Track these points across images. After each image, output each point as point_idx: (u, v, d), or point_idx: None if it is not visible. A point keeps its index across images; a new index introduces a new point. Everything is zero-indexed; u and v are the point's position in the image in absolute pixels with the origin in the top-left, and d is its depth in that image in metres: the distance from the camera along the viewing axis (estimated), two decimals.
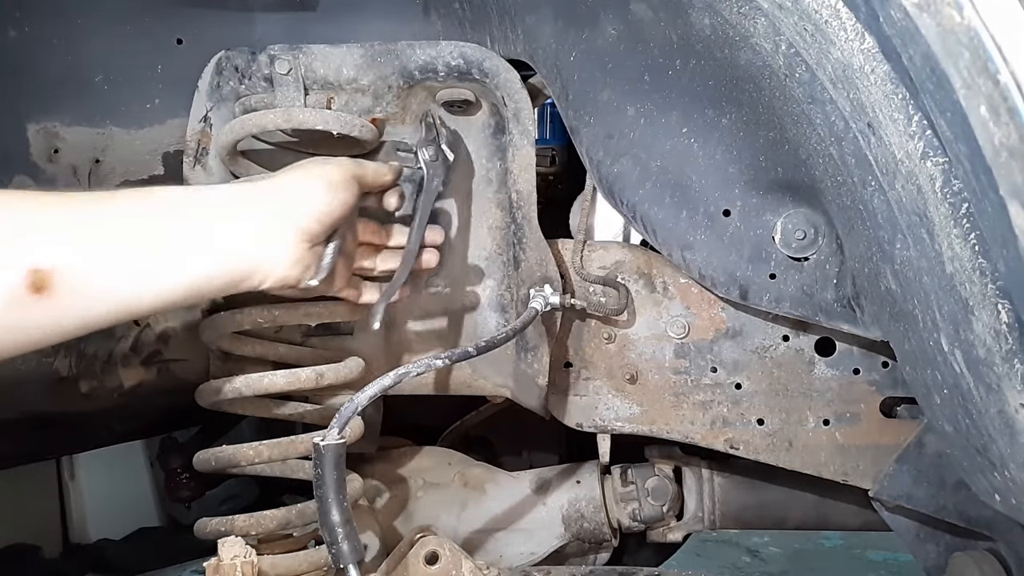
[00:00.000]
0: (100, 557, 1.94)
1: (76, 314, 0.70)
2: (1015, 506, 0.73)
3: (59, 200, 0.71)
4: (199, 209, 0.78)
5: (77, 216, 0.71)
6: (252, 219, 0.79)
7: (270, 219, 0.80)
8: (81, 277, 0.69)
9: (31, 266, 0.66)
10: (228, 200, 0.80)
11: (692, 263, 1.05)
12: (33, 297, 0.66)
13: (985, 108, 0.58)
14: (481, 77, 1.06)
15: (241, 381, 1.01)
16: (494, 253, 1.16)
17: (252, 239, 0.79)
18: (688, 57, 0.94)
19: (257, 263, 0.80)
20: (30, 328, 0.68)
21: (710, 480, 1.35)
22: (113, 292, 0.72)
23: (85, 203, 0.73)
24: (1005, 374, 0.65)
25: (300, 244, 0.82)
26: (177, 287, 0.75)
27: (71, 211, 0.71)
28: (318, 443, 0.81)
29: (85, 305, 0.70)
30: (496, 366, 1.18)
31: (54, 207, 0.70)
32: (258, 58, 1.07)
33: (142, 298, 0.74)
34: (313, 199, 0.83)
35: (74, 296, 0.69)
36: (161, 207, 0.76)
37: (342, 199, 0.86)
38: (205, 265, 0.76)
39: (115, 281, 0.71)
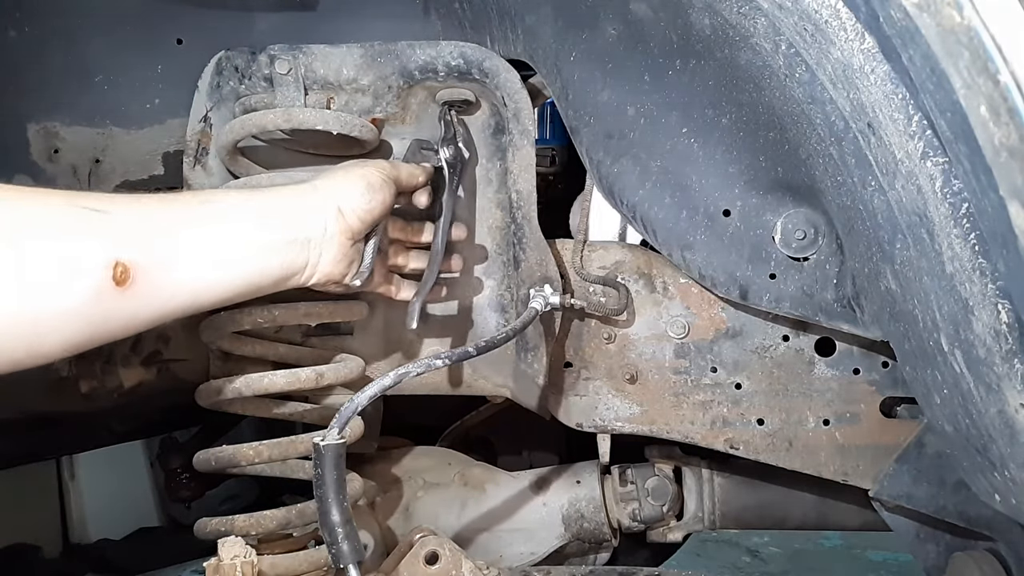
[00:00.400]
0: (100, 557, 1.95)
1: (153, 306, 0.74)
2: (1015, 506, 0.73)
3: (131, 199, 0.76)
4: (259, 210, 0.84)
5: (150, 214, 0.75)
6: (304, 219, 0.85)
7: (321, 219, 0.86)
8: (159, 272, 0.73)
9: (116, 260, 0.69)
10: (282, 201, 0.86)
11: (692, 263, 1.05)
12: (117, 290, 0.70)
13: (985, 108, 0.58)
14: (481, 77, 1.06)
15: (241, 381, 1.01)
16: (494, 253, 1.16)
17: (304, 238, 0.85)
18: (688, 57, 0.94)
19: (307, 259, 0.86)
20: (112, 320, 0.71)
21: (710, 480, 1.35)
22: (186, 286, 0.77)
23: (154, 202, 0.78)
24: (1005, 374, 0.65)
25: (345, 242, 0.88)
26: (240, 282, 0.81)
27: (143, 210, 0.75)
28: (318, 443, 0.81)
29: (161, 298, 0.75)
30: (496, 366, 1.18)
31: (128, 205, 0.74)
32: (258, 58, 1.07)
33: (211, 292, 0.79)
34: (356, 199, 0.89)
35: (152, 289, 0.73)
36: (221, 208, 0.82)
37: (381, 199, 0.91)
38: (265, 261, 0.82)
39: (188, 276, 0.76)
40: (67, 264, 0.67)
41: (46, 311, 0.66)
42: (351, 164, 0.96)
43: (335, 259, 0.88)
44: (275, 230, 0.83)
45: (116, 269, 0.69)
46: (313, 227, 0.86)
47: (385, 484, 1.31)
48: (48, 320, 0.67)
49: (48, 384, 1.12)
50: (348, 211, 0.88)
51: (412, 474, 1.34)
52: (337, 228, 0.87)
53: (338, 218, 0.87)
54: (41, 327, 0.67)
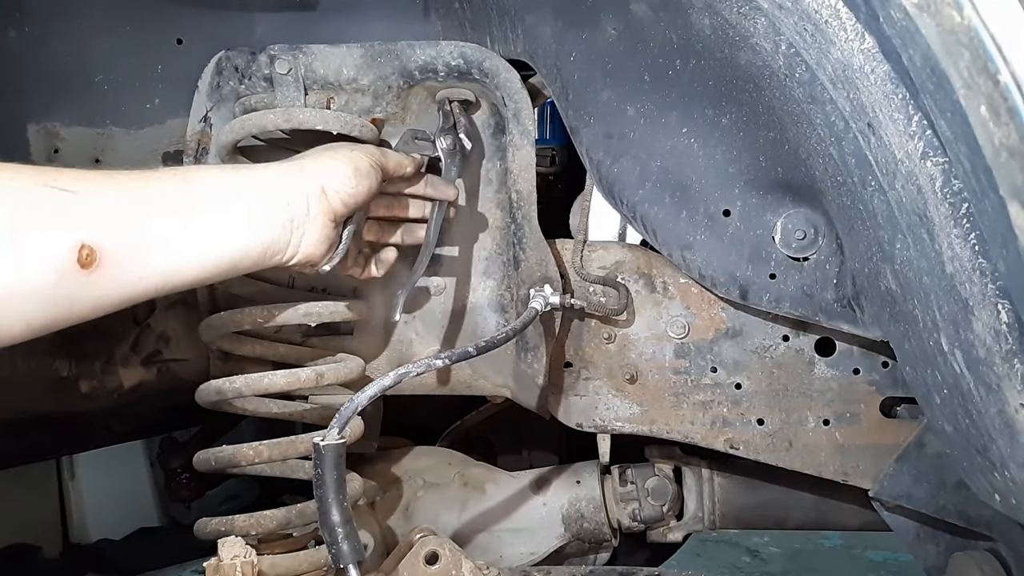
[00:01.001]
0: (100, 557, 1.95)
1: (121, 288, 0.72)
2: (1015, 506, 0.73)
3: (104, 178, 0.73)
4: (238, 188, 0.81)
5: (122, 194, 0.73)
6: (288, 198, 0.83)
7: (304, 199, 0.84)
8: (126, 254, 0.71)
9: (80, 242, 0.68)
10: (266, 179, 0.84)
11: (692, 263, 1.05)
12: (82, 272, 0.68)
13: (985, 108, 0.58)
14: (481, 77, 1.06)
15: (241, 381, 1.01)
16: (494, 253, 1.16)
17: (287, 217, 0.83)
18: (688, 57, 0.94)
19: (288, 239, 0.84)
20: (77, 302, 0.70)
21: (710, 480, 1.35)
22: (156, 268, 0.74)
23: (129, 181, 0.75)
24: (1005, 374, 0.65)
25: (328, 223, 0.86)
26: (217, 262, 0.79)
27: (116, 189, 0.73)
28: (318, 443, 0.81)
29: (129, 280, 0.73)
30: (496, 366, 1.18)
31: (100, 184, 0.72)
32: (258, 58, 1.07)
33: (183, 273, 0.77)
34: (342, 182, 0.87)
35: (119, 271, 0.71)
36: (202, 186, 0.79)
37: (367, 185, 0.90)
38: (243, 241, 0.80)
39: (158, 257, 0.74)
40: (30, 247, 0.65)
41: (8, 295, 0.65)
42: (340, 145, 0.94)
43: (316, 240, 0.85)
44: (258, 209, 0.81)
45: (81, 252, 0.67)
46: (297, 206, 0.83)
47: (385, 484, 1.31)
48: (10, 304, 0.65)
49: (48, 384, 1.12)
50: (332, 193, 0.86)
51: (412, 474, 1.34)
52: (320, 209, 0.85)
53: (321, 199, 0.85)
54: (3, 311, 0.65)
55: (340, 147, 0.93)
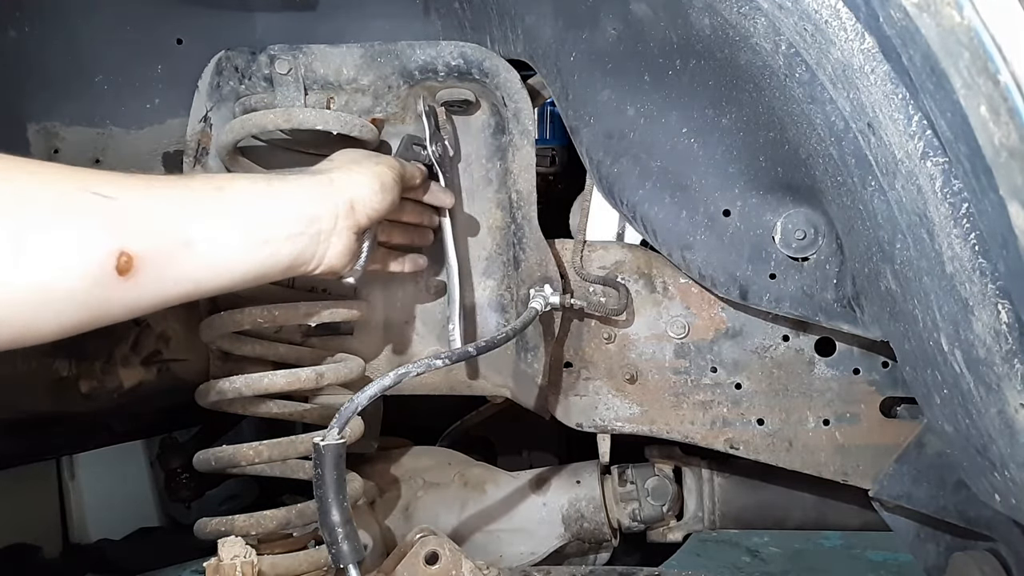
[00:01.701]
0: (100, 557, 1.95)
1: (154, 294, 0.74)
2: (1015, 506, 0.72)
3: (142, 184, 0.74)
4: (271, 200, 0.83)
5: (160, 202, 0.74)
6: (318, 212, 0.86)
7: (333, 213, 0.87)
8: (162, 261, 0.73)
9: (119, 250, 0.69)
10: (297, 192, 0.86)
11: (692, 263, 1.05)
12: (118, 278, 0.69)
13: (985, 108, 0.58)
14: (481, 77, 1.06)
15: (241, 381, 1.01)
16: (494, 253, 1.16)
17: (315, 231, 0.85)
18: (688, 57, 0.94)
19: (315, 251, 0.86)
20: (111, 306, 0.71)
21: (710, 480, 1.35)
22: (189, 275, 0.76)
23: (166, 188, 0.76)
24: (1005, 374, 0.65)
25: (352, 236, 0.89)
26: (247, 271, 0.81)
27: (154, 196, 0.74)
28: (318, 443, 0.81)
29: (163, 286, 0.74)
30: (496, 366, 1.18)
31: (139, 192, 0.73)
32: (258, 58, 1.07)
33: (215, 280, 0.79)
34: (369, 197, 0.90)
35: (154, 278, 0.72)
36: (236, 196, 0.81)
37: (391, 200, 0.93)
38: (273, 252, 0.82)
39: (192, 265, 0.76)
40: (69, 250, 0.66)
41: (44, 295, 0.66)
42: (363, 157, 0.96)
43: (340, 253, 0.88)
44: (289, 221, 0.83)
45: (120, 258, 0.69)
46: (325, 220, 0.86)
47: (385, 484, 1.31)
48: (45, 304, 0.66)
49: (48, 384, 1.12)
50: (359, 207, 0.88)
51: (412, 474, 1.34)
52: (346, 224, 0.88)
53: (349, 213, 0.88)
54: (38, 310, 0.66)
55: (365, 159, 0.95)
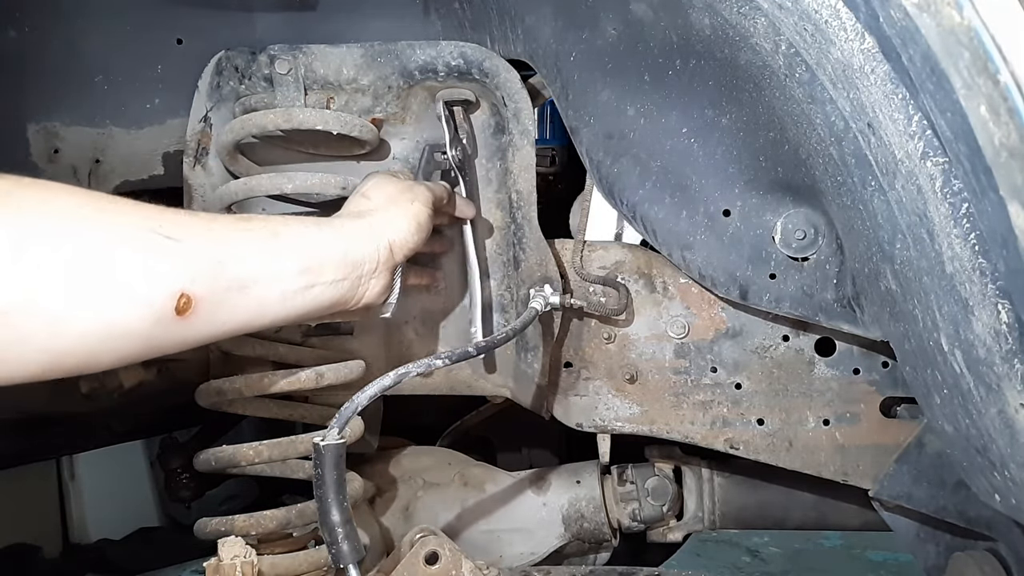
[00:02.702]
0: (100, 557, 1.95)
1: (207, 332, 0.76)
2: (1015, 506, 0.72)
3: (203, 225, 0.76)
4: (321, 247, 0.85)
5: (220, 245, 0.76)
6: (361, 258, 0.88)
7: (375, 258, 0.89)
8: (219, 303, 0.75)
9: (180, 291, 0.71)
10: (344, 240, 0.88)
11: (692, 263, 1.05)
12: (176, 319, 0.71)
13: (985, 108, 0.58)
14: (481, 77, 1.06)
15: (241, 381, 1.01)
16: (494, 253, 1.16)
17: (358, 275, 0.88)
18: (688, 57, 0.94)
19: (355, 292, 0.89)
20: (167, 343, 0.73)
21: (710, 480, 1.35)
22: (241, 316, 0.78)
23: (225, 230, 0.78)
24: (1005, 374, 0.65)
25: (389, 275, 0.92)
26: (291, 313, 0.83)
27: (215, 239, 0.76)
28: (318, 443, 0.81)
29: (216, 326, 0.76)
30: (496, 366, 1.18)
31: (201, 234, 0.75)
32: (258, 58, 1.07)
33: (263, 320, 0.81)
34: (406, 238, 0.92)
35: (210, 318, 0.74)
36: (289, 241, 0.83)
37: (425, 235, 0.95)
38: (318, 294, 0.84)
39: (244, 307, 0.78)
40: (136, 291, 0.68)
41: (108, 331, 0.68)
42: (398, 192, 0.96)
43: (378, 292, 0.91)
44: (335, 268, 0.85)
45: (180, 300, 0.70)
46: (368, 265, 0.88)
47: (385, 484, 1.31)
48: (108, 339, 0.68)
49: (48, 384, 1.11)
50: (398, 249, 0.91)
51: (412, 474, 1.34)
52: (385, 265, 0.90)
53: (388, 257, 0.90)
54: (101, 343, 0.68)
55: (401, 195, 0.95)
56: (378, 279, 0.90)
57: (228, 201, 1.06)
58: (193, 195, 1.11)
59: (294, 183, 1.04)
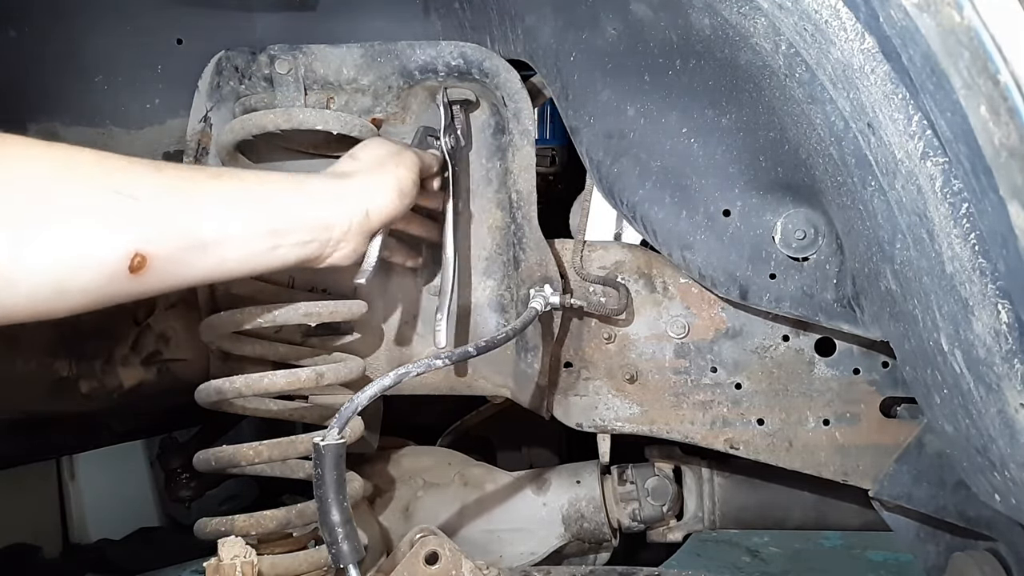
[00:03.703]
0: (100, 557, 1.95)
1: (161, 286, 0.76)
2: (1015, 506, 0.73)
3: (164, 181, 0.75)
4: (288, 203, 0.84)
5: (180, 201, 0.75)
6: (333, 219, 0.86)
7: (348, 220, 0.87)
8: (176, 259, 0.74)
9: (136, 251, 0.70)
10: (315, 197, 0.86)
11: (692, 263, 1.05)
12: (129, 276, 0.71)
13: (985, 108, 0.58)
14: (481, 77, 1.06)
15: (241, 381, 1.01)
16: (494, 253, 1.16)
17: (327, 237, 0.86)
18: (688, 57, 0.94)
19: (321, 253, 0.87)
20: (119, 297, 0.73)
21: (710, 480, 1.35)
22: (200, 270, 0.78)
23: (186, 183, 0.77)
24: (1005, 374, 0.65)
25: (363, 240, 0.90)
26: (254, 268, 0.82)
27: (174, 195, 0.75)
28: (318, 443, 0.81)
29: (172, 280, 0.76)
30: (496, 366, 1.18)
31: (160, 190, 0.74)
32: (258, 58, 1.07)
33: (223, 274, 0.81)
34: (386, 204, 0.90)
35: (165, 274, 0.74)
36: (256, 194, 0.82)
37: (407, 203, 0.93)
38: (283, 253, 0.83)
39: (204, 261, 0.77)
40: (87, 250, 0.68)
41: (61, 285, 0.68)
42: (387, 155, 0.94)
43: (347, 255, 0.89)
44: (303, 229, 0.84)
45: (134, 259, 0.70)
46: (339, 227, 0.86)
47: (385, 484, 1.31)
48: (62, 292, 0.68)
49: (48, 384, 1.12)
50: (375, 215, 0.89)
51: (412, 474, 1.34)
52: (359, 229, 0.88)
53: (364, 221, 0.88)
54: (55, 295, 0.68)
55: (389, 158, 0.93)
56: (349, 242, 0.88)
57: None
58: None
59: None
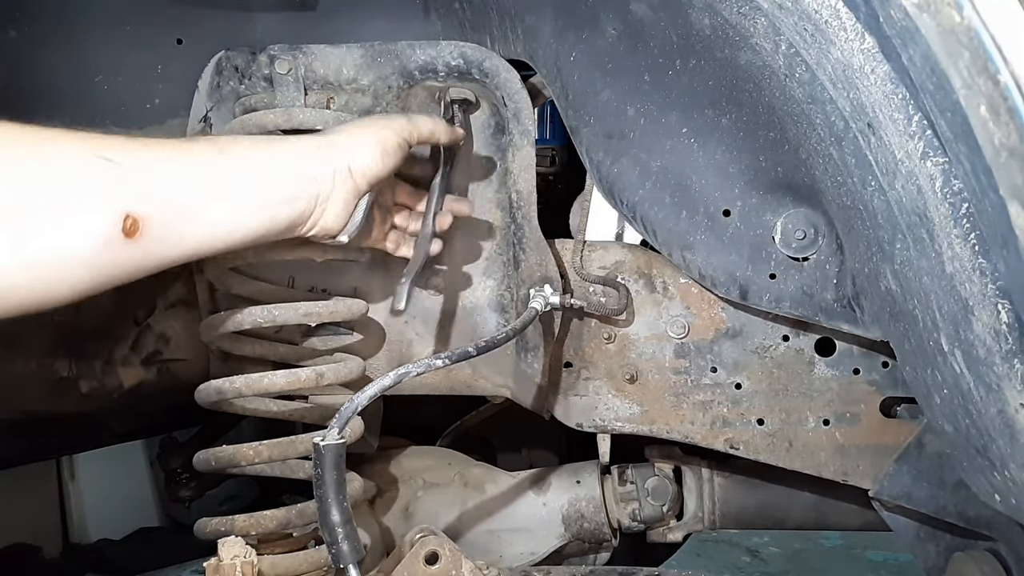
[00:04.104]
0: (100, 557, 1.94)
1: (159, 256, 0.76)
2: (1015, 506, 0.73)
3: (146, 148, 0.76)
4: (272, 162, 0.84)
5: (165, 165, 0.76)
6: (316, 174, 0.87)
7: (331, 176, 0.87)
8: (168, 222, 0.74)
9: (125, 213, 0.70)
10: (298, 154, 0.87)
11: (692, 263, 1.05)
12: (126, 241, 0.71)
13: (985, 108, 0.58)
14: (481, 77, 1.06)
15: (241, 381, 1.01)
16: (494, 253, 1.16)
17: (314, 193, 0.86)
18: (688, 57, 0.94)
19: (311, 212, 0.87)
20: (119, 268, 0.73)
21: (710, 480, 1.35)
22: (194, 235, 0.78)
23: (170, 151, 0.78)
24: (1005, 374, 0.65)
25: (349, 200, 0.90)
26: (247, 232, 0.82)
27: (159, 160, 0.76)
28: (318, 443, 0.81)
29: (169, 246, 0.76)
30: (496, 366, 1.18)
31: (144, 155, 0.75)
32: (258, 58, 1.07)
33: (217, 240, 0.80)
34: (368, 162, 0.89)
35: (160, 239, 0.74)
36: (239, 158, 0.82)
37: (392, 163, 0.92)
38: (273, 213, 0.83)
39: (196, 226, 0.77)
40: (78, 215, 0.68)
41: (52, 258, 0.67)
42: (371, 120, 0.95)
43: (336, 215, 0.89)
44: (286, 185, 0.84)
45: (126, 221, 0.70)
46: (323, 183, 0.86)
47: (385, 484, 1.31)
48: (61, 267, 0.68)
49: (48, 384, 1.12)
50: (358, 172, 0.89)
51: (412, 474, 1.34)
52: (344, 187, 0.88)
53: (347, 177, 0.88)
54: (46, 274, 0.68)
55: (373, 121, 0.95)
56: (335, 202, 0.88)
57: None
58: None
59: None
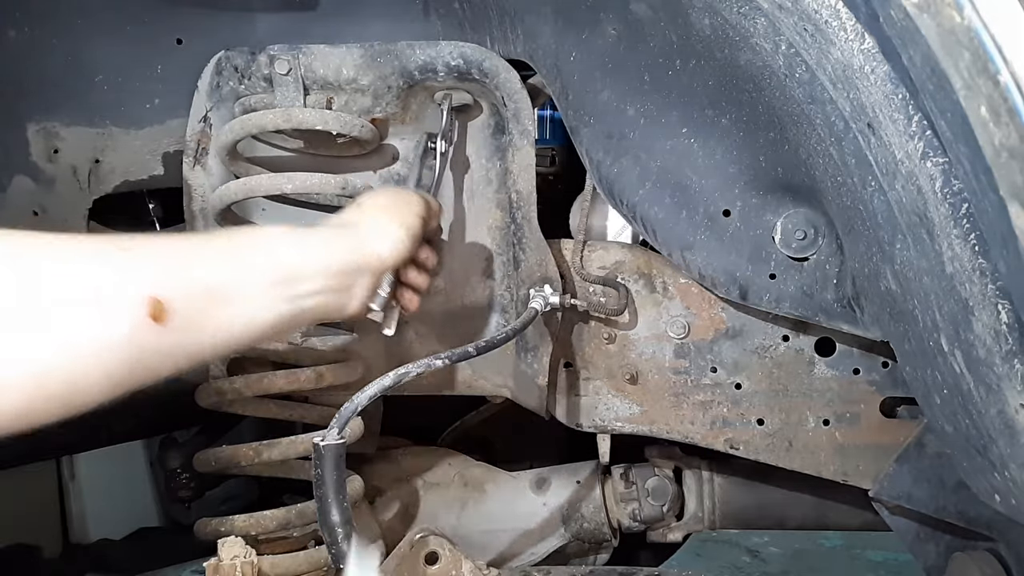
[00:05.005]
0: (100, 557, 1.94)
1: (187, 346, 0.73)
2: (1015, 506, 0.72)
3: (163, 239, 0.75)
4: (299, 250, 0.84)
5: (187, 251, 0.75)
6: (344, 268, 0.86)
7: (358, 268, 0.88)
8: (195, 309, 0.72)
9: (147, 295, 0.68)
10: (324, 251, 0.86)
11: (692, 263, 1.05)
12: (153, 327, 0.68)
13: (985, 108, 0.58)
14: (481, 77, 1.06)
15: (241, 381, 1.01)
16: (494, 253, 1.16)
17: (344, 286, 0.86)
18: (688, 57, 0.94)
19: (342, 301, 0.87)
20: (152, 355, 0.70)
21: (710, 480, 1.35)
22: (223, 326, 0.75)
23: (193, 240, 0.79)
24: (1005, 374, 0.65)
25: (373, 285, 0.90)
26: (277, 323, 0.80)
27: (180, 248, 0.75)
28: (318, 443, 0.81)
29: (196, 338, 0.73)
30: (496, 366, 1.18)
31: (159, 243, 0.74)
32: (258, 58, 1.07)
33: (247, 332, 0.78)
34: (396, 249, 0.90)
35: (187, 328, 0.71)
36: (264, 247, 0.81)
37: (415, 246, 0.94)
38: (302, 304, 0.82)
39: (224, 316, 0.75)
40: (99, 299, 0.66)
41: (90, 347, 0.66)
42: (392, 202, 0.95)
43: (362, 300, 0.90)
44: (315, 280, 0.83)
45: (151, 306, 0.68)
46: (351, 276, 0.87)
47: (385, 484, 1.31)
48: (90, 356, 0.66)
49: None
50: (387, 258, 0.90)
51: (412, 474, 1.34)
52: (371, 274, 0.89)
53: (376, 267, 0.89)
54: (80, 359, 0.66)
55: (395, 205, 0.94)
56: (362, 289, 0.88)
57: (228, 201, 1.05)
58: (193, 195, 1.11)
59: (294, 183, 1.04)
